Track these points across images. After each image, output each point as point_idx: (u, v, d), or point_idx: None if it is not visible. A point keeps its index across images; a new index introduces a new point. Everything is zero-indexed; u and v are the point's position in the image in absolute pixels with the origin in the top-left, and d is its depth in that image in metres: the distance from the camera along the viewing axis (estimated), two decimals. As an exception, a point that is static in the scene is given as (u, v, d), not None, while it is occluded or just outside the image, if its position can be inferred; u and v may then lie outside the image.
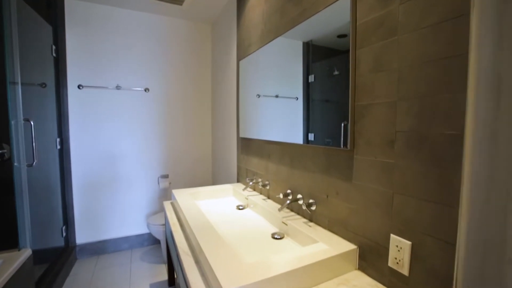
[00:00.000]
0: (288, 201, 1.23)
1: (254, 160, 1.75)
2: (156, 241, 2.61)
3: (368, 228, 0.90)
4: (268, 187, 1.56)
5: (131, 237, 2.53)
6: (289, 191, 1.35)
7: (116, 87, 2.39)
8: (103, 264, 2.29)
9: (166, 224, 1.63)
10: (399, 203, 0.79)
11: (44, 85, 2.01)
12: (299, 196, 1.26)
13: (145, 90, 2.51)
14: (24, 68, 1.70)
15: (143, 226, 2.57)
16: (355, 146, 0.95)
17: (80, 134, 2.32)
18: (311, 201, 1.19)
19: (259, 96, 1.72)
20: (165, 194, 2.66)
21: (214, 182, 2.79)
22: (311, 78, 1.19)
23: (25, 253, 1.48)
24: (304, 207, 1.17)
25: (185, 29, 2.65)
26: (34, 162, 1.63)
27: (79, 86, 2.29)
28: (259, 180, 1.64)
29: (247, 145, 1.85)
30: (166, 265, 2.14)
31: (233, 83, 2.10)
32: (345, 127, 0.99)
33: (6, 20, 1.46)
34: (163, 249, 2.26)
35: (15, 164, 1.51)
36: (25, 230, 1.54)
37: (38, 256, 1.78)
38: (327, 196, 1.10)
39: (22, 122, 1.56)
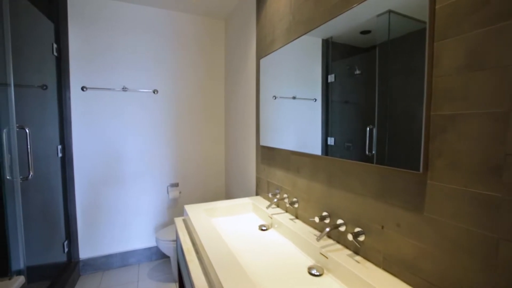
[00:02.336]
0: (327, 229, 1.01)
1: (278, 173, 1.53)
2: (165, 255, 2.41)
3: (454, 280, 0.67)
4: (296, 205, 1.34)
5: (138, 250, 2.34)
6: (325, 213, 1.13)
7: (123, 88, 2.20)
8: (108, 282, 2.10)
9: (178, 247, 1.43)
10: (510, 255, 0.57)
11: (44, 87, 1.83)
12: (340, 221, 1.04)
13: (154, 92, 2.31)
14: (22, 68, 1.52)
15: (151, 239, 2.38)
16: (430, 169, 0.73)
17: (83, 140, 2.14)
18: (357, 230, 0.96)
19: (275, 98, 1.58)
20: (175, 204, 2.46)
21: (227, 193, 2.58)
22: (331, 78, 1.12)
23: (17, 281, 1.29)
24: (350, 238, 0.94)
25: (197, 25, 2.45)
26: (30, 175, 1.44)
27: (82, 88, 2.10)
28: (285, 196, 1.42)
29: (269, 155, 1.63)
30: (177, 284, 1.94)
31: (252, 84, 1.89)
32: (371, 131, 0.91)
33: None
34: (173, 267, 2.06)
35: (7, 177, 1.32)
36: (18, 254, 1.36)
37: (38, 273, 1.61)
38: (382, 227, 0.87)
39: (16, 129, 1.37)
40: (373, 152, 0.90)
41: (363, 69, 0.96)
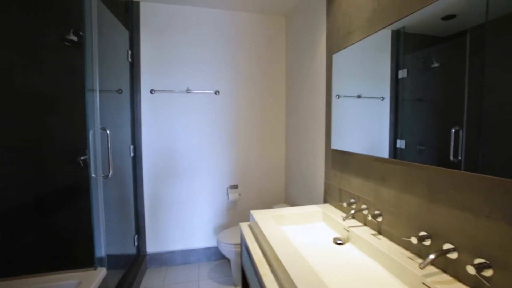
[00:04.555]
0: (432, 256, 0.82)
1: (354, 180, 1.36)
2: (224, 256, 2.41)
3: None
4: (379, 219, 1.16)
5: (198, 250, 2.38)
6: (423, 233, 0.94)
7: (187, 90, 2.26)
8: (171, 278, 2.17)
9: (244, 254, 1.37)
10: None
11: (120, 91, 1.96)
12: (448, 246, 0.85)
13: (215, 93, 2.33)
14: (104, 74, 1.63)
15: (211, 239, 2.41)
16: None
17: (150, 140, 2.26)
18: (479, 261, 0.76)
19: (338, 97, 1.50)
20: (234, 206, 2.45)
21: (287, 197, 2.48)
22: (402, 73, 1.02)
23: (101, 273, 1.38)
24: (471, 271, 0.75)
25: (256, 23, 2.40)
26: (110, 173, 1.54)
27: (151, 91, 2.22)
28: (363, 206, 1.26)
29: (342, 160, 1.48)
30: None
31: (320, 82, 1.75)
32: (456, 133, 0.78)
33: (87, 25, 1.37)
34: (233, 271, 2.04)
35: (92, 175, 1.42)
36: (101, 247, 1.45)
37: (114, 262, 1.72)
38: (525, 263, 0.67)
39: (99, 131, 1.47)
40: (460, 157, 0.78)
41: (443, 61, 0.85)
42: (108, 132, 1.50)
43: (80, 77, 2.02)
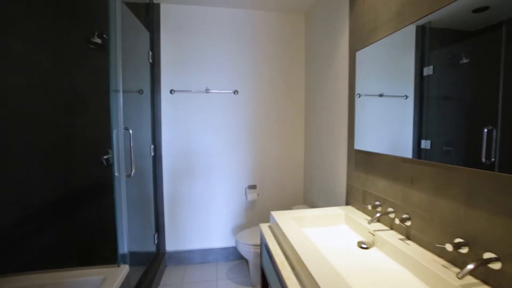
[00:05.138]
0: (471, 265, 0.76)
1: (380, 182, 1.31)
2: (242, 256, 2.40)
3: None
4: (408, 223, 1.10)
5: (216, 249, 2.39)
6: (459, 240, 0.88)
7: (206, 90, 2.27)
8: (190, 276, 2.19)
9: (264, 255, 1.35)
10: None
11: (141, 92, 2.00)
12: (490, 255, 0.78)
13: (234, 93, 2.32)
14: (127, 75, 1.66)
15: (228, 239, 2.41)
16: None
17: (169, 140, 2.29)
18: (527, 272, 0.70)
19: (359, 96, 1.46)
20: (253, 207, 2.43)
21: (306, 198, 2.43)
22: (428, 71, 0.98)
23: (124, 269, 1.40)
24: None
25: (274, 22, 2.37)
26: (132, 173, 1.56)
27: (171, 91, 2.25)
28: (389, 210, 1.20)
29: (367, 161, 1.42)
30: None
31: (341, 81, 1.70)
32: (489, 133, 0.74)
33: (112, 28, 1.40)
34: (252, 272, 2.02)
35: (115, 174, 1.45)
36: (124, 245, 1.48)
37: (135, 259, 1.75)
38: None
39: (122, 131, 1.50)
40: (493, 159, 0.74)
41: (473, 57, 0.81)
42: (130, 131, 1.53)
43: (103, 79, 2.08)
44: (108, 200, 2.08)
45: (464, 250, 0.86)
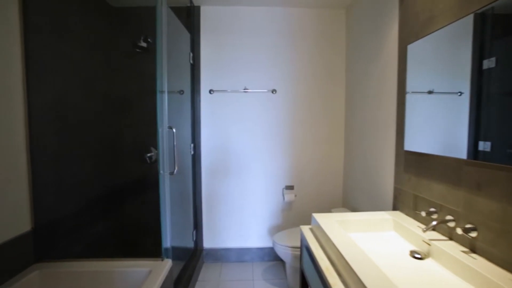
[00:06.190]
0: None
1: (436, 187, 1.19)
2: (278, 257, 2.38)
3: None
4: (473, 234, 0.98)
5: (252, 249, 2.39)
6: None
7: (244, 89, 2.29)
8: (227, 274, 2.22)
9: (305, 258, 1.30)
10: None
11: (182, 92, 2.07)
12: None
13: (272, 92, 2.31)
14: (170, 76, 1.73)
15: (265, 239, 2.39)
16: None
17: (208, 139, 2.34)
18: None
19: (406, 93, 1.36)
20: (290, 208, 2.39)
21: (346, 201, 2.33)
22: (489, 63, 0.88)
23: (168, 263, 1.45)
24: None
25: (313, 19, 2.30)
26: (175, 170, 1.62)
27: (210, 91, 2.30)
28: (448, 218, 1.09)
29: (419, 163, 1.31)
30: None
31: (388, 77, 1.59)
32: None
33: (159, 32, 1.46)
34: (288, 273, 1.98)
35: (160, 172, 1.51)
36: (167, 240, 1.53)
37: (176, 254, 1.81)
38: None
39: (167, 129, 1.56)
40: None
41: None
42: (174, 130, 1.58)
43: (147, 81, 2.20)
44: (150, 196, 2.21)
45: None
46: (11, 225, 1.28)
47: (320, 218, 1.33)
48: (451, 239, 1.10)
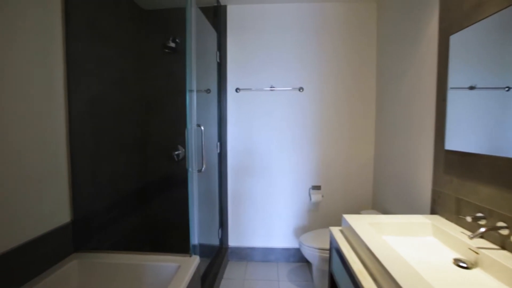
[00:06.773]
0: None
1: (484, 190, 1.09)
2: (303, 259, 2.33)
3: None
4: (530, 244, 0.88)
5: (277, 249, 2.36)
6: None
7: (270, 87, 2.27)
8: (251, 273, 2.21)
9: (334, 261, 1.25)
10: None
11: (208, 91, 2.09)
12: None
13: (299, 90, 2.26)
14: (198, 75, 1.75)
15: (290, 240, 2.36)
16: None
17: (234, 137, 2.34)
18: None
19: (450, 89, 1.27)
20: (316, 208, 2.34)
21: (376, 203, 2.23)
22: None
23: (196, 260, 1.47)
24: None
25: (341, 14, 2.23)
26: (203, 168, 1.63)
27: (236, 90, 2.30)
28: (500, 224, 0.99)
29: (463, 163, 1.21)
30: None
31: (426, 71, 1.49)
32: None
33: (188, 32, 1.48)
34: (314, 276, 1.93)
35: (189, 169, 1.54)
36: (195, 236, 1.56)
37: (202, 251, 1.84)
38: None
39: (195, 128, 1.58)
40: None
41: None
42: (202, 128, 1.60)
43: (175, 80, 2.27)
44: (178, 193, 2.26)
45: None
46: (53, 216, 1.36)
47: (351, 219, 1.28)
48: (503, 248, 1.00)
